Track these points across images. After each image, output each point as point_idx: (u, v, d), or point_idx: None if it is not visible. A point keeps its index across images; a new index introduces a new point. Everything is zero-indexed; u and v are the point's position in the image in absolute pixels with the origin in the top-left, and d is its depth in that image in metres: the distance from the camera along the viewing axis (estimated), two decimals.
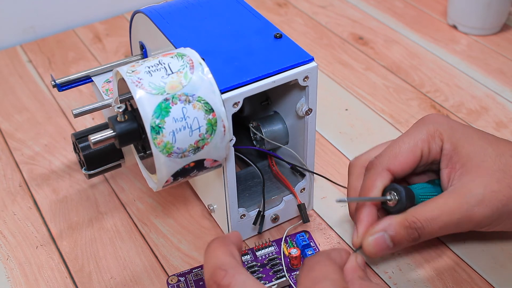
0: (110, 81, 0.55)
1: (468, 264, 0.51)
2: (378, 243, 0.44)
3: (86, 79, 0.56)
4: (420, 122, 0.49)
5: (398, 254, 0.52)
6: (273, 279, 0.49)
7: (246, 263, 0.51)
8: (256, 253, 0.52)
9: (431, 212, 0.43)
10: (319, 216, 0.56)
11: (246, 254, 0.52)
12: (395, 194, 0.46)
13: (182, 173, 0.43)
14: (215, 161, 0.44)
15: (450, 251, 0.52)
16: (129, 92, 0.41)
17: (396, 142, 0.48)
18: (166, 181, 0.43)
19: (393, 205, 0.46)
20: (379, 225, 0.45)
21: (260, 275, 0.50)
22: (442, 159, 0.46)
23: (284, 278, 0.48)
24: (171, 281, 0.50)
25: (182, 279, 0.50)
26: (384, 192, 0.47)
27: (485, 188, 0.43)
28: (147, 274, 0.52)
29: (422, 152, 0.47)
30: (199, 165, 0.43)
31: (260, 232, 0.53)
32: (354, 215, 0.49)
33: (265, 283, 0.49)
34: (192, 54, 0.43)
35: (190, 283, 0.50)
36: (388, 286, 0.50)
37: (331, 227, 0.55)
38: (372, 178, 0.47)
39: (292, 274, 0.49)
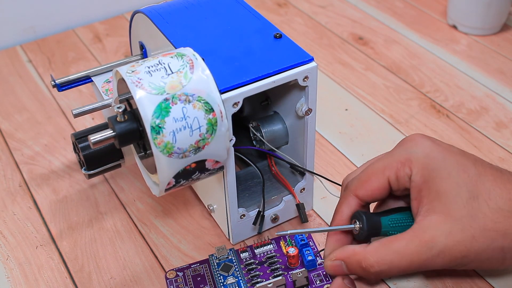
0: (110, 81, 0.55)
1: None
2: (335, 269, 0.45)
3: (86, 79, 0.56)
4: (398, 145, 0.46)
5: None
6: (270, 277, 0.49)
7: (244, 260, 0.51)
8: (255, 250, 0.52)
9: (390, 256, 0.42)
10: (319, 216, 0.56)
11: (245, 251, 0.52)
12: (358, 222, 0.46)
13: (184, 175, 0.43)
14: (217, 162, 0.44)
15: None
16: (129, 92, 0.41)
17: (369, 165, 0.46)
18: (168, 184, 0.43)
19: (356, 233, 0.46)
20: (340, 253, 0.45)
21: (257, 272, 0.50)
22: (411, 189, 0.44)
23: (281, 277, 0.48)
24: (169, 275, 0.50)
25: (180, 274, 0.50)
26: (352, 217, 0.46)
27: (447, 237, 0.41)
28: (147, 274, 0.52)
29: (389, 180, 0.44)
30: (201, 167, 0.43)
31: (260, 232, 0.53)
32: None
33: (262, 281, 0.49)
34: (192, 54, 0.43)
35: (188, 278, 0.50)
36: (388, 286, 0.50)
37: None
38: (340, 203, 0.47)
39: (289, 273, 0.49)
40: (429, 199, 0.42)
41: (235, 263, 0.51)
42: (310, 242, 0.52)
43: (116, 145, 0.43)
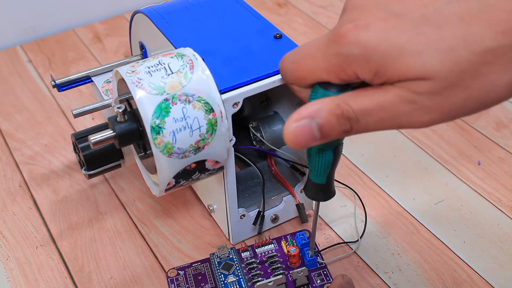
0: (110, 81, 0.55)
1: (468, 264, 0.51)
2: (302, 132, 0.34)
3: (86, 79, 0.56)
4: (331, 42, 0.34)
5: (398, 254, 0.52)
6: (271, 276, 0.49)
7: (245, 259, 0.51)
8: (256, 250, 0.52)
9: (367, 102, 0.33)
10: (319, 216, 0.56)
11: (246, 250, 0.52)
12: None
13: (184, 175, 0.43)
14: (217, 162, 0.44)
15: (450, 251, 0.52)
16: (129, 92, 0.41)
17: (302, 55, 0.37)
18: (168, 184, 0.43)
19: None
20: (305, 109, 0.34)
21: (258, 272, 0.50)
22: (366, 82, 0.34)
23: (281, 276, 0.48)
24: (170, 274, 0.50)
25: (181, 272, 0.50)
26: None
27: (431, 95, 0.31)
28: (147, 274, 0.52)
29: (328, 80, 0.35)
30: (201, 167, 0.43)
31: (260, 232, 0.53)
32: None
33: (263, 280, 0.49)
34: (192, 54, 0.43)
35: (189, 277, 0.50)
36: (388, 286, 0.50)
37: (331, 227, 0.55)
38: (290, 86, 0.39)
39: (290, 272, 0.49)
40: (394, 79, 0.32)
41: (236, 262, 0.51)
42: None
43: (116, 145, 0.43)
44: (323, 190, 0.42)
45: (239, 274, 0.50)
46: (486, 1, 0.30)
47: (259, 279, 0.49)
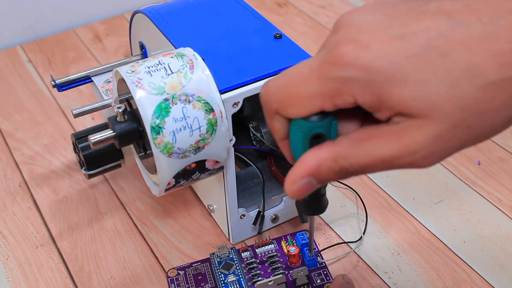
0: (110, 81, 0.55)
1: (468, 264, 0.51)
2: (303, 189, 0.35)
3: (86, 79, 0.56)
4: (327, 64, 0.31)
5: (398, 254, 0.52)
6: (271, 276, 0.49)
7: (245, 259, 0.51)
8: (256, 250, 0.52)
9: (366, 158, 0.32)
10: (319, 216, 0.56)
11: (246, 250, 0.52)
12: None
13: (184, 175, 0.43)
14: (217, 162, 0.44)
15: (450, 251, 0.52)
16: (129, 92, 0.41)
17: (291, 78, 0.33)
18: (168, 184, 0.43)
19: None
20: (302, 167, 0.34)
21: (258, 271, 0.50)
22: (366, 109, 0.32)
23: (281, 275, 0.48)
24: (170, 274, 0.50)
25: (181, 272, 0.50)
26: None
27: (436, 138, 0.31)
28: (147, 274, 0.52)
29: (320, 108, 0.33)
30: (201, 167, 0.43)
31: (260, 232, 0.53)
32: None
33: (263, 279, 0.49)
34: (192, 54, 0.43)
35: (189, 277, 0.50)
36: (388, 286, 0.50)
37: (331, 227, 0.55)
38: (268, 122, 0.35)
39: (290, 272, 0.49)
40: (396, 110, 0.31)
41: (236, 262, 0.51)
42: None
43: (116, 145, 0.43)
44: (311, 205, 0.40)
45: (239, 274, 0.50)
46: (489, 29, 0.29)
47: (259, 278, 0.49)
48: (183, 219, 0.57)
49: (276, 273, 0.50)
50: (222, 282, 0.49)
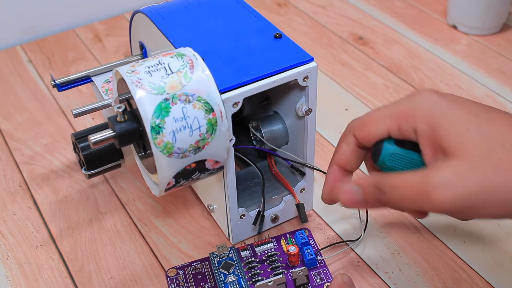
0: (110, 81, 0.55)
1: (468, 264, 0.51)
2: (349, 196, 0.42)
3: (86, 79, 0.56)
4: (405, 97, 0.43)
5: (398, 254, 0.52)
6: (270, 276, 0.49)
7: (245, 258, 0.51)
8: (255, 249, 0.52)
9: (394, 180, 0.39)
10: (319, 216, 0.56)
11: (245, 249, 0.52)
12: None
13: (184, 175, 0.43)
14: (217, 162, 0.44)
15: (450, 251, 0.52)
16: (129, 92, 0.41)
17: (373, 110, 0.44)
18: (168, 184, 0.43)
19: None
20: (357, 179, 0.42)
21: (258, 271, 0.50)
22: (419, 141, 0.41)
23: (281, 275, 0.48)
24: (170, 273, 0.50)
25: (181, 272, 0.51)
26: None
27: (454, 173, 0.38)
28: (147, 274, 0.52)
29: (389, 130, 0.42)
30: (201, 167, 0.43)
31: (260, 232, 0.53)
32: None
33: (262, 279, 0.49)
34: (192, 54, 0.43)
35: (188, 276, 0.50)
36: (388, 286, 0.50)
37: (331, 227, 0.55)
38: (340, 141, 0.45)
39: (290, 271, 0.49)
40: (440, 146, 0.39)
41: (235, 261, 0.51)
42: (311, 241, 0.52)
43: (116, 145, 0.43)
44: None
45: (239, 273, 0.50)
46: None
47: (259, 278, 0.49)
48: (183, 219, 0.57)
49: (275, 272, 0.50)
50: (222, 282, 0.49)
